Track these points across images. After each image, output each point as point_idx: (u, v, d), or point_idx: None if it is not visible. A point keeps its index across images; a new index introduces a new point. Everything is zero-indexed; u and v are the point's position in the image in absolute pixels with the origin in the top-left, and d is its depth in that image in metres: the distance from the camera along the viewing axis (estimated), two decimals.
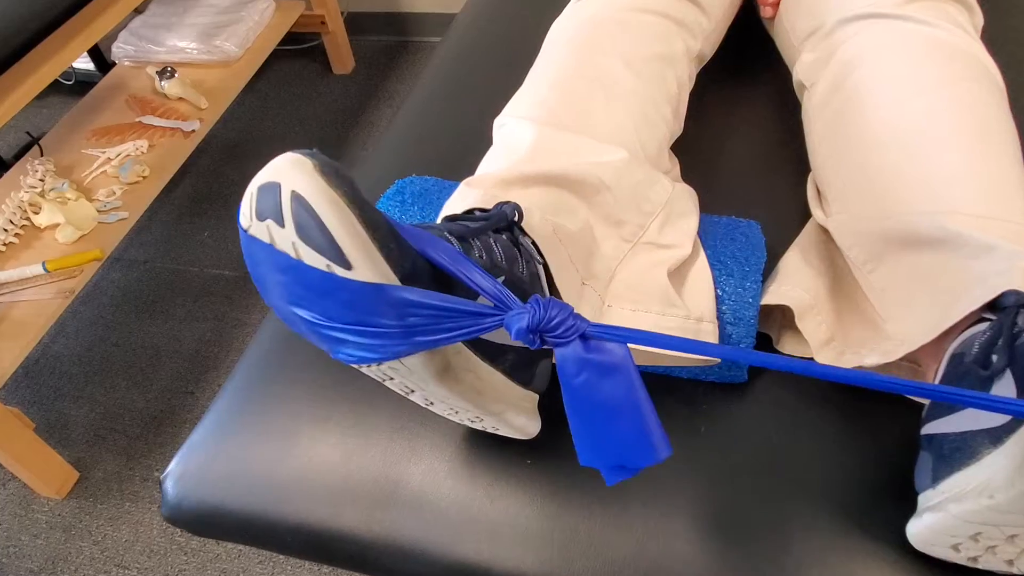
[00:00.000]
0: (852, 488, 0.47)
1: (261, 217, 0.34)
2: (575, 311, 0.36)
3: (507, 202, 0.47)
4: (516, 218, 0.47)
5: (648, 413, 0.36)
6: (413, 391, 0.44)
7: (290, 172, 0.33)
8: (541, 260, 0.48)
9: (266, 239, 0.35)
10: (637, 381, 0.35)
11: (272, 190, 0.33)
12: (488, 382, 0.43)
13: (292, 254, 0.34)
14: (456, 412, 0.46)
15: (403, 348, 0.36)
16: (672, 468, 0.50)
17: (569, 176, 0.53)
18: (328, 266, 0.34)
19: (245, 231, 0.35)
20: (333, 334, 0.36)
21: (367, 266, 0.34)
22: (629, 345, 0.35)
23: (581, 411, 0.37)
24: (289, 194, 0.33)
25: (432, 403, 0.45)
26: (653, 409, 0.36)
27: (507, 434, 0.48)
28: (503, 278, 0.43)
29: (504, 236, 0.46)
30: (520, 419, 0.46)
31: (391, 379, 0.42)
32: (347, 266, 0.34)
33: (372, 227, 0.34)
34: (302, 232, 0.33)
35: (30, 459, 1.14)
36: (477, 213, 0.48)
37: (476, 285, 0.36)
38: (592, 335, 0.35)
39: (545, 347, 0.36)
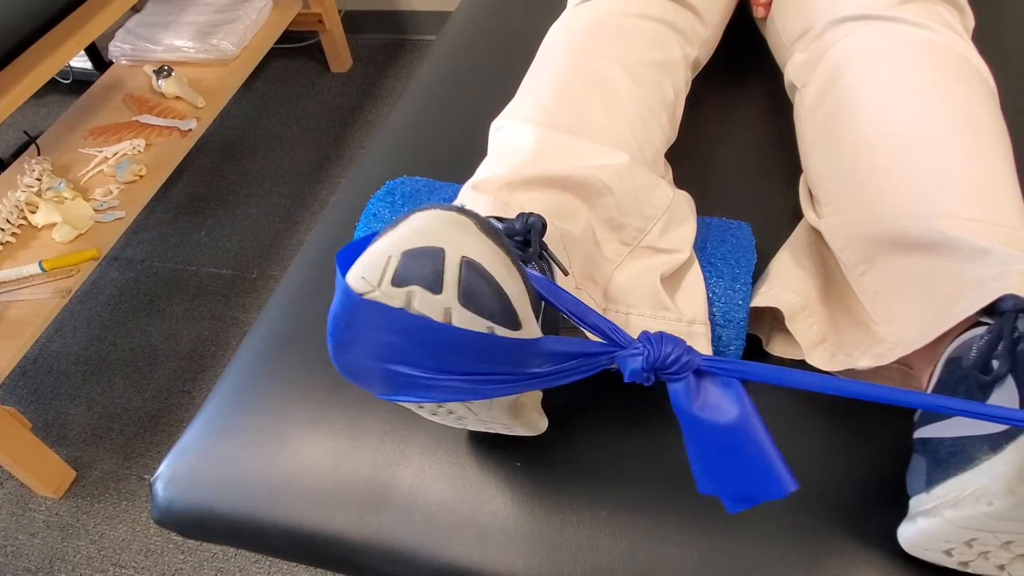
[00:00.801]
0: (843, 491, 0.47)
1: (400, 283, 0.32)
2: (687, 344, 0.36)
3: (531, 214, 0.46)
4: (543, 230, 0.47)
5: (769, 447, 0.35)
6: (464, 418, 0.43)
7: (456, 235, 0.32)
8: (564, 271, 0.48)
9: (396, 304, 0.33)
10: (754, 414, 0.35)
11: (431, 257, 0.32)
12: (530, 396, 0.44)
13: (438, 318, 0.33)
14: (482, 424, 0.46)
15: (518, 387, 0.36)
16: (663, 471, 0.49)
17: (572, 178, 0.52)
18: (489, 328, 0.33)
19: (359, 296, 0.33)
20: (434, 383, 0.35)
21: (532, 325, 0.34)
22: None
23: (699, 443, 0.37)
24: (458, 261, 0.32)
25: (463, 419, 0.45)
26: (772, 441, 0.35)
27: (519, 433, 0.48)
28: (544, 304, 0.43)
29: (529, 250, 0.46)
30: (543, 420, 0.47)
31: (451, 412, 0.42)
32: (517, 327, 0.33)
33: (529, 286, 0.34)
34: (469, 298, 0.32)
35: (27, 458, 1.14)
36: (494, 222, 0.47)
37: (585, 323, 0.36)
38: (706, 370, 0.35)
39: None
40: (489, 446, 0.52)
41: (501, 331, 0.33)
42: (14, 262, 1.20)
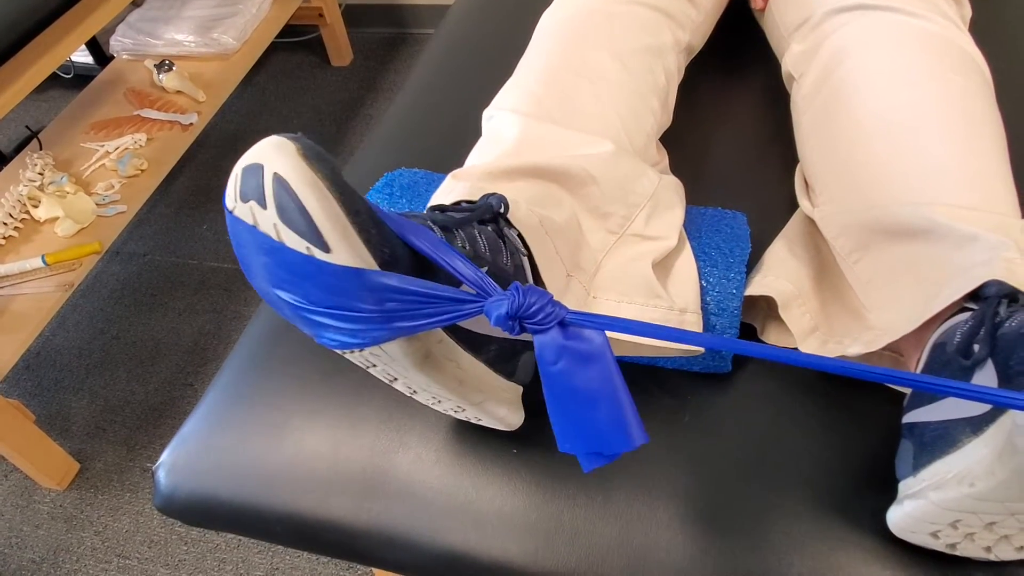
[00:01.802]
0: (833, 476, 0.48)
1: (244, 199, 0.34)
2: (555, 298, 0.36)
3: (493, 194, 0.48)
4: (502, 209, 0.47)
5: (624, 400, 0.36)
6: (396, 379, 0.44)
7: (273, 154, 0.34)
8: (526, 252, 0.48)
9: (249, 221, 0.35)
10: (614, 368, 0.36)
11: (255, 172, 0.34)
12: (470, 372, 0.44)
13: (274, 236, 0.34)
14: (439, 401, 0.46)
15: (382, 333, 0.36)
16: (656, 457, 0.50)
17: (555, 168, 0.53)
18: (308, 248, 0.34)
19: (230, 212, 0.36)
20: (315, 318, 0.37)
21: (346, 250, 0.34)
22: (614, 335, 0.36)
23: (559, 397, 0.37)
24: (271, 176, 0.33)
25: (415, 391, 0.46)
26: (629, 396, 0.36)
27: (490, 424, 0.48)
28: (486, 269, 0.43)
29: (489, 228, 0.47)
30: (501, 410, 0.47)
31: (374, 366, 0.43)
32: (326, 249, 0.34)
33: (352, 211, 0.35)
34: (283, 214, 0.34)
35: (31, 451, 1.15)
36: (464, 204, 0.48)
37: (457, 272, 0.37)
38: (571, 322, 0.36)
39: (525, 335, 0.36)
40: (485, 434, 0.52)
41: (318, 253, 0.34)
42: (17, 256, 1.21)
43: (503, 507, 0.50)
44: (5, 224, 1.24)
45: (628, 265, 0.53)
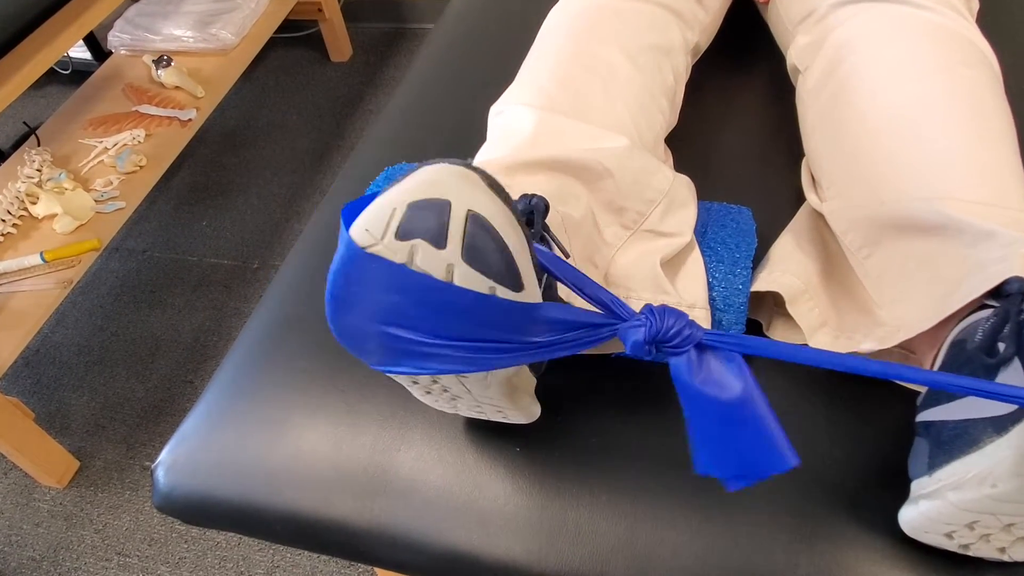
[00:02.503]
0: (842, 475, 0.47)
1: (404, 236, 0.31)
2: (690, 318, 0.35)
3: (534, 195, 0.46)
4: (543, 210, 0.46)
5: (771, 421, 0.35)
6: (451, 392, 0.43)
7: (463, 188, 0.31)
8: (565, 253, 0.47)
9: (399, 259, 0.32)
10: (755, 389, 0.35)
11: (437, 209, 0.31)
12: (522, 377, 0.43)
13: (440, 276, 0.32)
14: (475, 407, 0.45)
15: (517, 358, 0.35)
16: (661, 455, 0.49)
17: (572, 161, 0.52)
18: (491, 288, 0.32)
19: (361, 249, 0.32)
20: (430, 351, 0.35)
21: (534, 288, 0.33)
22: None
23: (699, 420, 0.36)
24: (463, 214, 0.31)
25: (456, 399, 0.45)
26: (775, 416, 0.35)
27: (514, 420, 0.48)
28: (545, 276, 0.42)
29: (532, 229, 0.46)
30: (535, 406, 0.47)
31: (447, 390, 0.42)
32: (519, 288, 0.32)
33: (532, 251, 0.34)
34: (473, 254, 0.31)
35: (30, 448, 1.14)
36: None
37: (588, 294, 0.36)
38: (708, 344, 0.35)
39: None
40: (488, 432, 0.52)
41: (503, 292, 0.32)
42: (15, 253, 1.20)
43: (506, 506, 0.49)
44: (3, 221, 1.23)
45: (637, 261, 0.52)
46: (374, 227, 0.32)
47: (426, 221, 0.31)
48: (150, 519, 1.14)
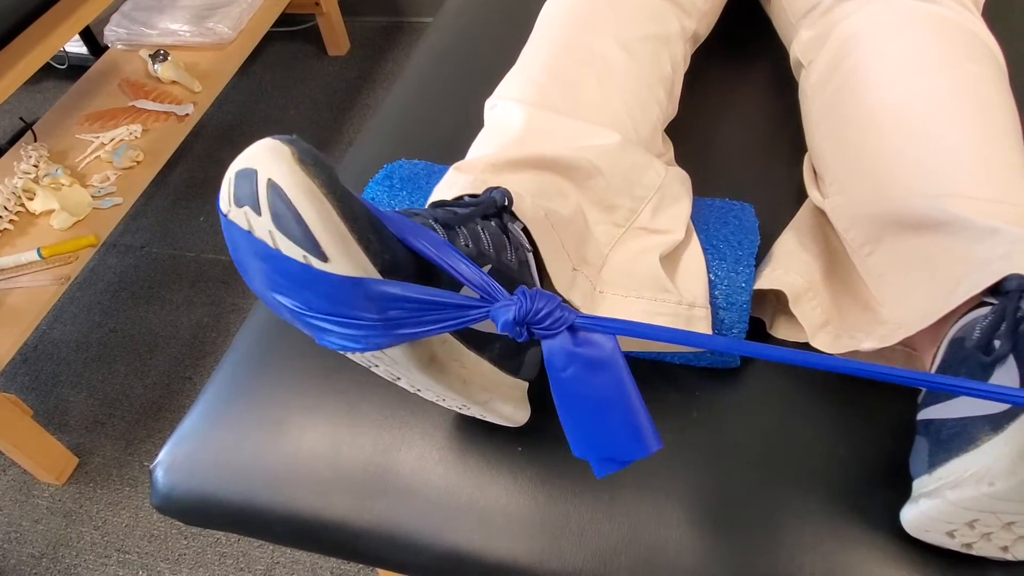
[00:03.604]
0: (845, 474, 0.47)
1: (239, 203, 0.33)
2: (563, 301, 0.35)
3: (496, 188, 0.46)
4: (506, 204, 0.46)
5: (637, 406, 0.35)
6: (399, 378, 0.43)
7: (267, 159, 0.32)
8: (531, 248, 0.47)
9: (244, 226, 0.34)
10: (626, 373, 0.35)
11: (249, 177, 0.33)
12: (475, 371, 0.43)
13: (270, 243, 0.33)
14: (443, 400, 0.45)
15: (385, 340, 0.35)
16: (664, 455, 0.49)
17: (560, 160, 0.52)
18: (305, 257, 0.33)
19: (224, 215, 0.35)
20: (316, 323, 0.36)
21: (344, 259, 0.33)
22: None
23: (570, 403, 0.36)
24: (266, 182, 0.32)
25: (419, 390, 0.45)
26: (642, 402, 0.35)
27: (495, 422, 0.47)
28: (490, 267, 0.42)
29: (493, 223, 0.45)
30: (507, 407, 0.46)
31: (376, 366, 0.42)
32: (324, 259, 0.33)
33: (351, 218, 0.34)
34: (278, 222, 0.33)
35: (29, 445, 1.14)
36: (467, 199, 0.47)
37: (460, 275, 0.36)
38: (580, 327, 0.35)
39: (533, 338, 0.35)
40: (490, 432, 0.51)
41: (315, 263, 0.33)
42: (12, 249, 1.20)
43: (508, 506, 0.49)
44: (0, 217, 1.23)
45: (635, 259, 0.52)
46: (223, 194, 0.34)
47: (245, 189, 0.33)
48: (149, 515, 1.14)
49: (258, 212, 0.33)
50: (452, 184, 0.50)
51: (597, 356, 0.34)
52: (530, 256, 0.46)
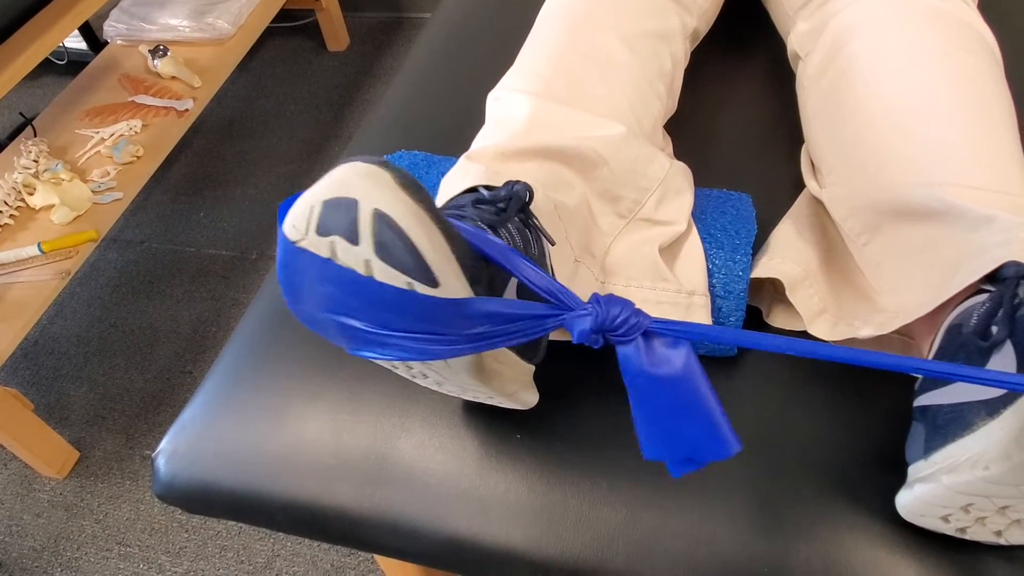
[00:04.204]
0: (841, 460, 0.47)
1: (324, 232, 0.32)
2: (636, 307, 0.35)
3: (518, 182, 0.46)
4: (527, 199, 0.47)
5: (715, 408, 0.35)
6: (427, 376, 0.43)
7: (368, 187, 0.32)
8: (552, 241, 0.47)
9: (324, 254, 0.33)
10: (702, 376, 0.35)
11: (345, 207, 0.32)
12: (507, 364, 0.44)
13: (361, 270, 0.33)
14: (465, 392, 0.45)
15: (462, 350, 0.36)
16: None
17: (567, 150, 0.52)
18: (409, 284, 0.33)
19: (293, 243, 0.34)
20: (383, 340, 0.35)
21: (454, 283, 0.33)
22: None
23: (646, 407, 0.36)
24: (371, 212, 0.31)
25: (442, 384, 0.45)
26: (719, 403, 0.35)
27: (508, 406, 0.48)
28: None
29: (517, 218, 0.46)
30: (529, 395, 0.47)
31: (426, 376, 0.42)
32: (434, 284, 0.33)
33: (452, 240, 0.34)
34: (383, 251, 0.32)
35: (30, 439, 1.14)
36: (483, 191, 0.47)
37: (534, 284, 0.36)
38: (654, 331, 0.35)
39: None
40: (489, 418, 0.52)
41: (421, 288, 0.33)
42: (13, 244, 1.20)
43: (507, 493, 0.49)
44: (0, 212, 1.23)
45: (635, 249, 0.52)
46: (299, 223, 0.33)
47: (339, 219, 0.32)
48: (150, 509, 1.14)
49: (354, 241, 0.32)
50: (464, 173, 0.50)
51: (671, 360, 0.35)
52: (548, 248, 0.47)
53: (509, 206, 0.44)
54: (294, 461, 0.53)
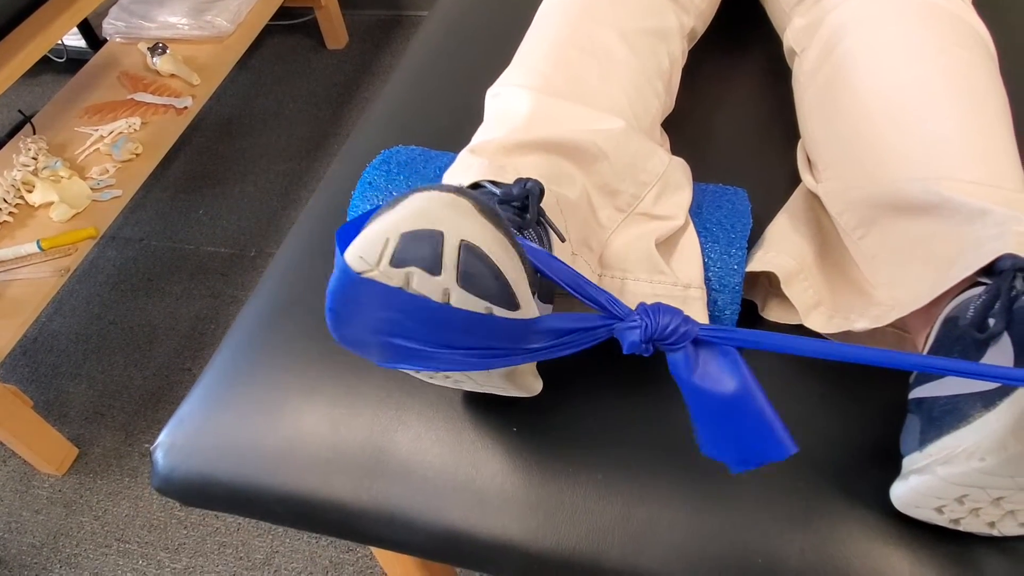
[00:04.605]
0: (835, 453, 0.47)
1: (399, 264, 0.32)
2: (685, 315, 0.36)
3: (528, 179, 0.46)
4: (540, 196, 0.47)
5: (768, 411, 0.36)
6: (463, 382, 0.44)
7: (453, 218, 0.31)
8: (560, 237, 0.47)
9: (397, 284, 0.33)
10: (751, 380, 0.36)
11: (429, 239, 0.32)
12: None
13: (438, 298, 0.33)
14: (481, 386, 0.46)
15: (518, 360, 0.36)
16: (657, 434, 0.50)
17: (568, 143, 0.52)
18: (488, 308, 0.33)
19: (358, 274, 0.33)
20: (432, 355, 0.36)
21: (529, 304, 0.34)
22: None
23: (700, 409, 0.37)
24: (457, 244, 0.32)
25: (462, 383, 0.46)
26: (771, 405, 0.36)
27: (513, 394, 0.48)
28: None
29: (527, 216, 0.46)
30: (537, 383, 0.47)
31: (460, 383, 0.43)
32: (515, 308, 0.33)
33: (526, 263, 0.34)
34: (468, 281, 0.32)
35: (29, 436, 1.14)
36: (488, 185, 0.47)
37: (584, 295, 0.36)
38: (704, 339, 0.36)
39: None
40: (486, 411, 0.52)
41: (499, 311, 0.33)
42: (12, 241, 1.20)
43: (503, 485, 0.49)
44: (0, 209, 1.23)
45: (632, 243, 0.52)
46: (368, 255, 0.33)
47: (420, 251, 0.32)
48: (149, 505, 1.14)
49: (436, 273, 0.32)
50: (468, 167, 0.50)
51: (721, 365, 0.35)
52: (555, 241, 0.47)
53: (529, 206, 0.44)
54: (292, 454, 0.53)
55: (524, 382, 0.45)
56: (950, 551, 0.43)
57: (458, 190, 0.33)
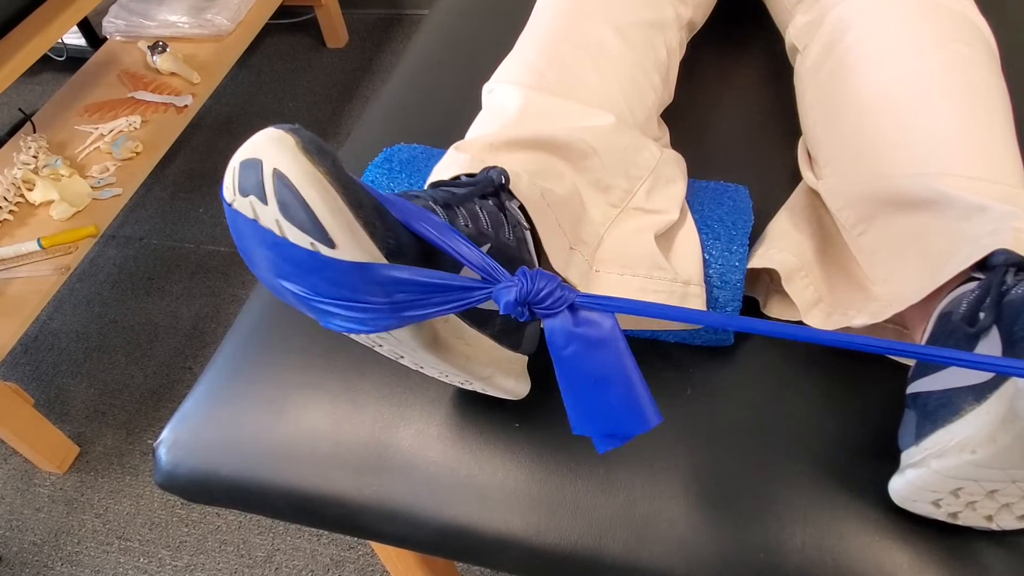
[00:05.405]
0: (836, 447, 0.48)
1: (244, 193, 0.34)
2: (563, 280, 0.36)
3: (493, 167, 0.47)
4: (503, 182, 0.47)
5: (637, 382, 0.36)
6: (403, 356, 0.44)
7: (272, 149, 0.33)
8: (528, 225, 0.48)
9: (250, 214, 0.35)
10: (625, 350, 0.36)
11: (254, 167, 0.33)
12: (477, 347, 0.44)
13: (276, 231, 0.34)
14: (446, 376, 0.46)
15: (391, 322, 0.36)
16: (659, 430, 0.50)
17: (556, 140, 0.52)
18: (312, 244, 0.34)
19: (229, 205, 0.35)
20: (321, 307, 0.37)
21: (352, 245, 0.34)
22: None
23: (571, 381, 0.37)
24: (271, 172, 0.33)
25: (422, 367, 0.46)
26: (642, 377, 0.36)
27: (497, 395, 0.48)
28: (488, 245, 0.43)
29: (490, 202, 0.46)
30: (509, 381, 0.47)
31: (380, 346, 0.43)
32: (331, 245, 0.34)
33: (356, 205, 0.34)
34: (285, 211, 0.33)
35: (30, 434, 1.15)
36: (464, 178, 0.48)
37: (462, 257, 0.36)
38: (580, 305, 0.35)
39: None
40: (487, 407, 0.52)
41: (323, 249, 0.34)
42: (12, 239, 1.20)
43: (505, 481, 0.50)
44: (0, 208, 1.23)
45: (630, 238, 0.52)
46: (227, 184, 0.35)
47: (250, 179, 0.33)
48: (151, 503, 1.15)
49: (264, 201, 0.33)
50: (450, 163, 0.50)
51: (597, 334, 0.35)
52: (527, 234, 0.47)
53: (471, 188, 0.44)
54: (294, 450, 0.53)
55: (474, 369, 0.44)
56: (949, 545, 0.44)
57: (291, 128, 0.34)
